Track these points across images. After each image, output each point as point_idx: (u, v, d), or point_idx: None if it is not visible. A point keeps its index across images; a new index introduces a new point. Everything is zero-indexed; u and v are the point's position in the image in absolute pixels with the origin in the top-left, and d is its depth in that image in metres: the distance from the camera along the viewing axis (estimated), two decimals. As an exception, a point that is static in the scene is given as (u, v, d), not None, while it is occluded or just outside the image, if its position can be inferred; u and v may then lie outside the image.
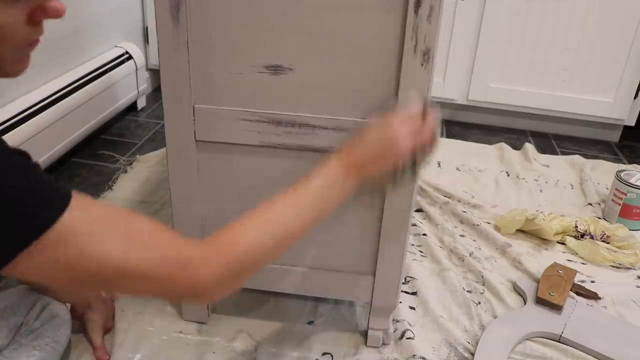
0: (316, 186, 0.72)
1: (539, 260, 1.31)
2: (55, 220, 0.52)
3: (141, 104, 2.04)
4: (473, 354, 1.02)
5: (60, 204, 0.53)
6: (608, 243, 1.39)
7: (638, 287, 1.26)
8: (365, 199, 0.91)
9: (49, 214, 0.52)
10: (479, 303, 1.17)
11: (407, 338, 1.05)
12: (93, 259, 0.54)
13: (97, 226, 0.55)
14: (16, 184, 0.50)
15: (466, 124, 2.15)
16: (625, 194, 1.45)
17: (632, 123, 2.01)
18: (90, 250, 0.54)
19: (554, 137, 2.09)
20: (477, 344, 1.04)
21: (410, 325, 1.09)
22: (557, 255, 1.36)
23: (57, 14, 0.53)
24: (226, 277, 0.62)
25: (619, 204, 1.47)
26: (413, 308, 1.14)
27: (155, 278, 0.58)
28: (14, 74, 0.55)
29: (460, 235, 1.40)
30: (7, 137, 1.30)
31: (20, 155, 0.54)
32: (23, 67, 0.56)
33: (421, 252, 1.33)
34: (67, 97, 1.51)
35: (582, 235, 1.41)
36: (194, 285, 0.60)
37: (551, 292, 1.15)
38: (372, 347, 1.04)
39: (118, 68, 1.78)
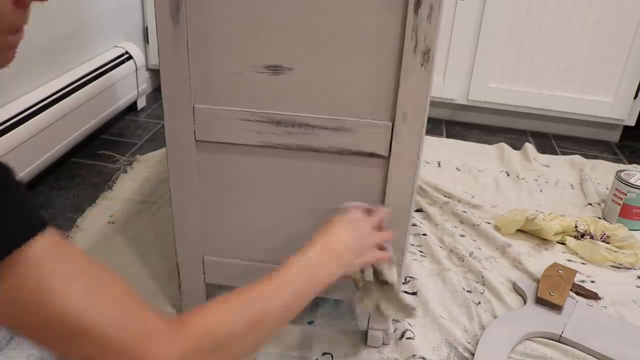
0: (295, 271, 0.69)
1: (539, 260, 1.31)
2: (20, 244, 0.45)
3: (141, 104, 2.04)
4: (473, 354, 1.02)
5: (31, 231, 0.47)
6: (608, 243, 1.38)
7: (638, 287, 1.26)
8: (365, 198, 0.91)
9: (16, 236, 0.45)
10: (479, 303, 1.17)
11: (407, 338, 1.05)
12: (50, 300, 0.46)
13: (64, 266, 0.48)
14: None
15: (466, 124, 2.14)
16: (625, 194, 1.45)
17: (632, 123, 2.01)
18: (48, 290, 0.46)
19: (554, 137, 2.09)
20: (477, 344, 1.04)
21: (410, 325, 1.09)
22: (557, 255, 1.36)
23: None
24: (194, 359, 0.54)
25: (619, 204, 1.47)
26: (413, 308, 1.14)
27: (111, 346, 0.49)
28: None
29: (460, 235, 1.40)
30: (7, 137, 1.30)
31: (2, 171, 0.47)
32: (10, 57, 0.51)
33: (421, 252, 1.33)
34: (67, 97, 1.51)
35: (582, 235, 1.41)
36: None
37: (551, 292, 1.15)
38: (372, 347, 1.04)
39: (118, 68, 1.78)
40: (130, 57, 1.85)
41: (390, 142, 0.85)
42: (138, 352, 0.50)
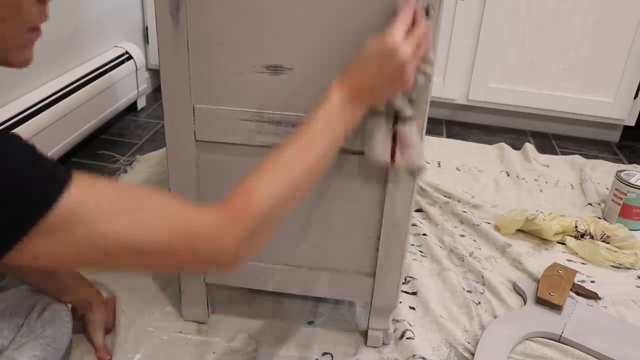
0: (320, 126, 0.68)
1: (539, 260, 1.31)
2: (53, 202, 0.50)
3: (141, 104, 2.04)
4: (473, 354, 1.02)
5: (59, 185, 0.51)
6: (608, 243, 1.39)
7: (638, 287, 1.26)
8: (364, 198, 0.91)
9: (47, 196, 0.50)
10: (479, 303, 1.17)
11: (407, 338, 1.05)
12: (103, 237, 0.52)
13: (103, 203, 0.53)
14: (9, 167, 0.49)
15: (466, 124, 2.14)
16: (625, 194, 1.45)
17: (632, 123, 2.01)
18: (99, 229, 0.52)
19: (554, 137, 2.09)
20: (477, 344, 1.04)
21: (410, 325, 1.09)
22: (557, 255, 1.36)
23: None
24: (247, 240, 0.60)
25: (619, 204, 1.47)
26: (413, 308, 1.14)
27: (171, 252, 0.55)
28: (17, 63, 0.54)
29: (460, 235, 1.40)
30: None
31: (14, 138, 0.52)
32: (27, 56, 0.54)
33: (421, 252, 1.33)
34: (67, 97, 1.51)
35: (582, 235, 1.41)
36: (215, 256, 0.58)
37: (551, 292, 1.15)
38: (372, 347, 1.04)
39: (118, 68, 1.78)
40: (130, 57, 1.85)
41: (390, 142, 0.84)
42: (197, 250, 0.55)
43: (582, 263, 1.33)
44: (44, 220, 0.50)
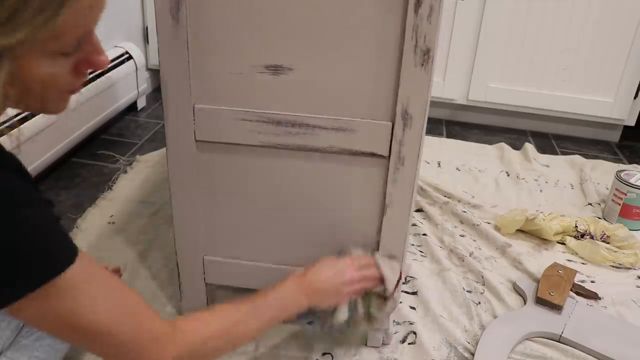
0: (273, 300, 0.81)
1: (539, 260, 1.31)
2: (59, 273, 0.55)
3: (141, 104, 2.04)
4: (473, 354, 1.02)
5: (67, 259, 0.56)
6: (608, 243, 1.39)
7: (638, 287, 1.26)
8: (364, 199, 0.91)
9: (57, 265, 0.55)
10: (479, 303, 1.17)
11: (409, 343, 1.05)
12: (82, 315, 0.58)
13: (93, 286, 0.59)
14: (31, 232, 0.53)
15: (466, 124, 2.15)
16: (625, 194, 1.45)
17: (632, 123, 2.01)
18: (81, 307, 0.58)
19: (554, 137, 2.09)
20: (477, 344, 1.04)
21: (410, 325, 1.09)
22: (557, 255, 1.36)
23: (101, 66, 0.58)
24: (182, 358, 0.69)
25: (619, 204, 1.47)
26: (413, 308, 1.14)
27: (128, 345, 0.63)
28: (53, 113, 0.60)
29: (460, 235, 1.40)
30: (6, 138, 1.30)
31: (42, 203, 0.57)
32: (63, 107, 0.60)
33: (421, 252, 1.33)
34: (67, 97, 1.51)
35: (582, 235, 1.41)
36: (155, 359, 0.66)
37: (551, 292, 1.15)
38: (372, 347, 1.04)
39: (118, 68, 1.78)
40: (130, 57, 1.85)
41: (390, 142, 0.85)
42: (146, 351, 0.64)
43: (582, 263, 1.33)
44: (45, 287, 0.54)
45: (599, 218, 1.52)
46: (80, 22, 0.53)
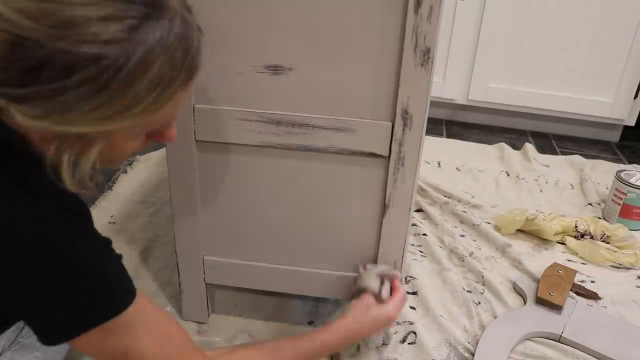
0: (315, 348, 0.83)
1: (539, 260, 1.31)
2: (121, 311, 0.61)
3: (141, 104, 2.04)
4: (473, 354, 1.02)
5: (128, 298, 0.62)
6: (608, 243, 1.39)
7: (638, 287, 1.26)
8: (364, 199, 0.91)
9: (116, 305, 0.61)
10: (479, 303, 1.17)
11: (409, 343, 1.05)
12: (135, 350, 0.64)
13: (147, 325, 0.65)
14: (95, 272, 0.59)
15: (466, 124, 2.15)
16: (625, 194, 1.45)
17: (632, 123, 2.01)
18: (135, 344, 0.63)
19: (554, 137, 2.09)
20: (477, 344, 1.04)
21: (410, 325, 1.09)
22: (557, 255, 1.36)
23: (170, 140, 0.64)
24: None
25: (619, 204, 1.47)
26: (413, 308, 1.14)
27: None
28: (115, 167, 0.66)
29: (460, 235, 1.40)
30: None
31: (107, 244, 0.64)
32: (124, 162, 0.67)
33: (421, 252, 1.33)
34: (67, 97, 1.51)
35: (582, 235, 1.41)
36: None
37: (551, 292, 1.15)
38: (372, 347, 1.04)
39: (118, 68, 1.77)
40: (130, 57, 1.85)
41: (390, 142, 0.85)
42: None
43: (582, 263, 1.33)
44: (104, 325, 0.60)
45: (599, 218, 1.52)
46: (173, 113, 0.59)
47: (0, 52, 0.48)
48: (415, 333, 1.07)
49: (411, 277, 1.23)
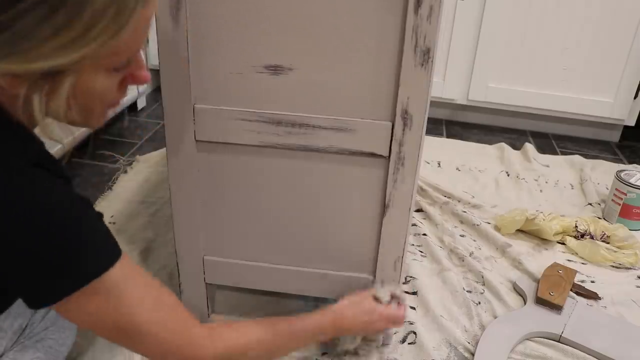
0: (307, 331, 0.85)
1: (539, 260, 1.31)
2: (104, 271, 0.58)
3: (141, 104, 2.04)
4: (473, 354, 1.02)
5: (111, 259, 0.60)
6: (608, 243, 1.39)
7: (638, 287, 1.26)
8: (364, 199, 0.91)
9: (100, 264, 0.59)
10: (479, 303, 1.17)
11: (409, 343, 1.05)
12: (125, 314, 0.61)
13: (135, 287, 0.62)
14: (77, 230, 0.56)
15: (466, 124, 2.15)
16: (625, 194, 1.45)
17: (632, 123, 2.01)
18: (126, 307, 0.61)
19: (554, 137, 2.09)
20: (477, 344, 1.04)
21: (410, 325, 1.09)
22: (557, 255, 1.36)
23: (144, 81, 0.63)
24: None
25: (619, 204, 1.47)
26: (413, 308, 1.14)
27: (166, 344, 0.66)
28: (93, 127, 0.63)
29: (460, 235, 1.40)
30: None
31: (86, 204, 0.60)
32: (103, 121, 0.63)
33: (421, 252, 1.33)
34: (67, 97, 1.51)
35: (582, 235, 1.41)
36: (192, 358, 0.70)
37: (551, 292, 1.15)
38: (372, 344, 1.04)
39: (118, 68, 1.78)
40: (130, 57, 1.85)
41: (390, 142, 0.85)
42: (183, 350, 0.68)
43: (582, 263, 1.33)
44: (91, 285, 0.58)
45: (599, 218, 1.52)
46: (136, 40, 0.57)
47: None
48: (415, 333, 1.07)
49: (411, 277, 1.23)
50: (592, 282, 1.26)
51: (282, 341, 0.82)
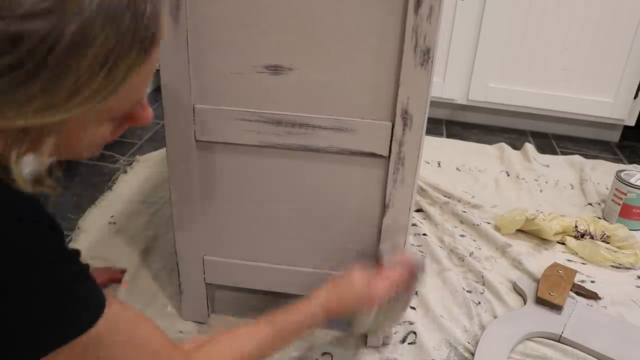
0: (295, 324, 0.80)
1: (539, 260, 1.31)
2: (87, 328, 0.54)
3: (141, 104, 2.04)
4: (473, 354, 1.02)
5: (95, 313, 0.55)
6: (608, 243, 1.39)
7: (638, 287, 1.26)
8: (365, 199, 0.91)
9: (85, 319, 0.54)
10: (479, 303, 1.17)
11: (409, 343, 1.05)
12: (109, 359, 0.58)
13: (120, 335, 0.59)
14: (60, 288, 0.52)
15: (466, 124, 2.15)
16: (625, 194, 1.45)
17: (632, 123, 2.01)
18: (110, 355, 0.58)
19: (554, 137, 2.09)
20: (477, 344, 1.04)
21: (410, 324, 1.09)
22: (557, 255, 1.36)
23: (145, 123, 0.55)
24: None
25: (619, 204, 1.47)
26: (413, 308, 1.14)
27: None
28: (85, 158, 0.58)
29: (460, 235, 1.40)
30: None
31: (69, 254, 0.55)
32: (96, 153, 0.57)
33: (421, 252, 1.33)
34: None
35: (582, 235, 1.41)
36: None
37: (551, 292, 1.15)
38: (372, 347, 1.04)
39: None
40: (130, 57, 1.85)
41: (390, 142, 0.85)
42: None
43: (582, 263, 1.33)
44: (74, 342, 0.54)
45: (599, 218, 1.52)
46: (136, 93, 0.51)
47: None
48: (415, 333, 1.07)
49: (411, 277, 1.23)
50: (592, 282, 1.26)
51: (268, 346, 0.78)
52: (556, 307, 1.13)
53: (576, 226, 1.42)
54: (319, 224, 0.94)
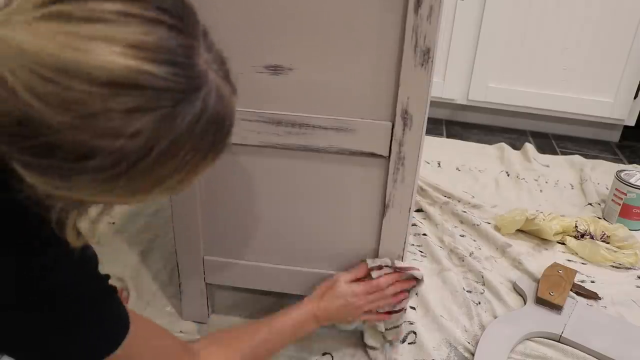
0: (288, 330, 0.88)
1: (539, 260, 1.31)
2: (119, 344, 0.60)
3: (141, 104, 2.04)
4: (473, 354, 1.02)
5: (122, 334, 0.60)
6: (608, 243, 1.39)
7: (638, 287, 1.26)
8: (364, 199, 0.91)
9: (112, 342, 0.59)
10: (479, 303, 1.17)
11: (409, 343, 1.05)
12: None
13: (143, 348, 0.65)
14: (94, 310, 0.58)
15: (466, 124, 2.15)
16: (625, 194, 1.45)
17: (632, 123, 2.01)
18: None
19: (554, 137, 2.09)
20: (477, 344, 1.04)
21: (410, 324, 1.09)
22: (557, 255, 1.36)
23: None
24: None
25: (619, 204, 1.47)
26: (413, 308, 1.14)
27: None
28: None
29: (460, 235, 1.40)
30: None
31: (101, 283, 0.60)
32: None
33: (421, 252, 1.33)
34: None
35: (582, 235, 1.41)
36: None
37: (551, 292, 1.15)
38: (372, 347, 1.03)
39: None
40: (130, 57, 1.85)
41: (390, 142, 0.85)
42: None
43: (582, 263, 1.33)
44: (110, 356, 0.59)
45: (599, 218, 1.52)
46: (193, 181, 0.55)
47: (8, 125, 0.43)
48: (415, 333, 1.07)
49: (411, 277, 1.23)
50: (592, 282, 1.26)
51: (257, 355, 0.83)
52: (556, 307, 1.13)
53: (576, 226, 1.42)
54: (319, 224, 0.94)
